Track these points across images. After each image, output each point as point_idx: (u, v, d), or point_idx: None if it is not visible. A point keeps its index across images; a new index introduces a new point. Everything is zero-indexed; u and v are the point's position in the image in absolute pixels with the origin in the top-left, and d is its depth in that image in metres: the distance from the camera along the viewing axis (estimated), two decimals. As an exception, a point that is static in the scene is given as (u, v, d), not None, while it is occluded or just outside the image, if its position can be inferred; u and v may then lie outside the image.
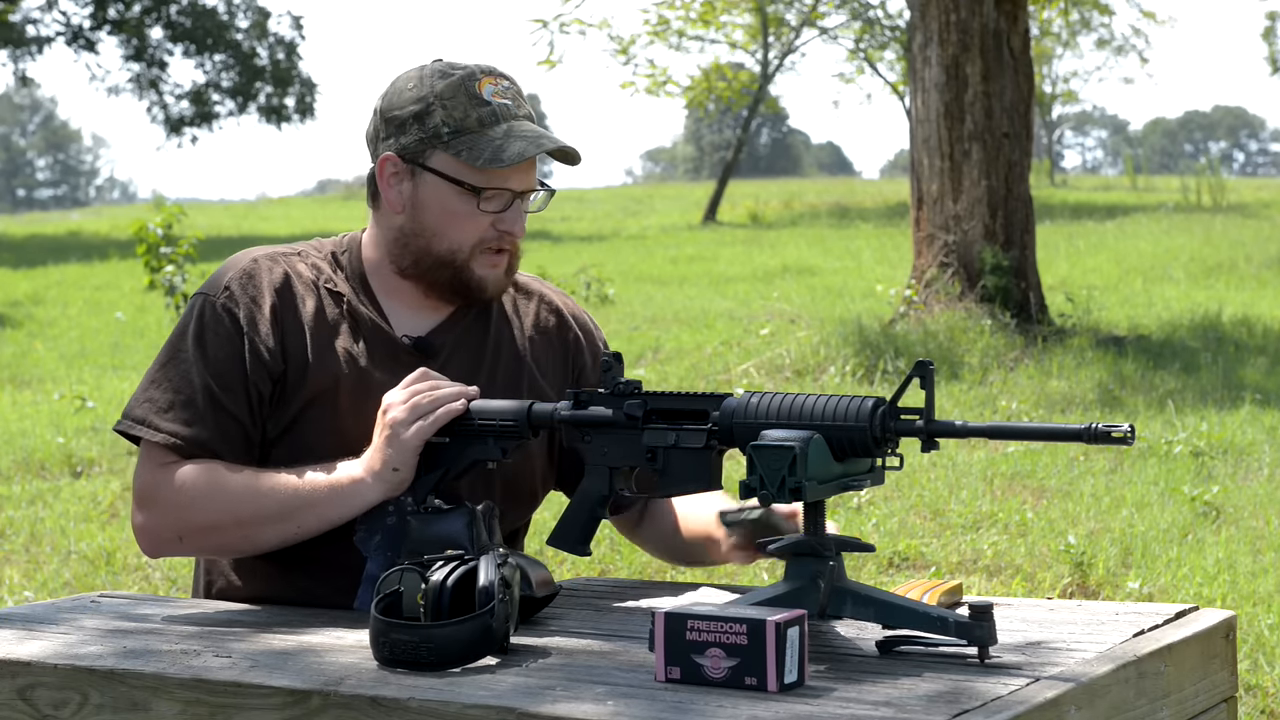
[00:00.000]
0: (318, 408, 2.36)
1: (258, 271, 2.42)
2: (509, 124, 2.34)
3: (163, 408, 2.37)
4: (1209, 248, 15.55)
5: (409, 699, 1.85)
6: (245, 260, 2.45)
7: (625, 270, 15.78)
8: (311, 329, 2.39)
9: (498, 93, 2.36)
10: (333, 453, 2.34)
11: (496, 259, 2.40)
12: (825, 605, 2.00)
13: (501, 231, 2.37)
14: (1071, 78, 39.38)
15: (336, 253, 2.48)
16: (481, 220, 2.36)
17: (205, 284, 2.44)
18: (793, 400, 2.03)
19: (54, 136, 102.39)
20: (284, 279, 2.42)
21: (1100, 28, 33.70)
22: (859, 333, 9.18)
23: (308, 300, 2.41)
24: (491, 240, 2.37)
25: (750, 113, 26.54)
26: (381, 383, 2.35)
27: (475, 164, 2.32)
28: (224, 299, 2.40)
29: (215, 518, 2.32)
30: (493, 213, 2.36)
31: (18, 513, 6.40)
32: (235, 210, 36.06)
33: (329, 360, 2.37)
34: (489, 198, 2.35)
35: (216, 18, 31.91)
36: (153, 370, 2.41)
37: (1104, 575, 5.08)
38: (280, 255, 2.46)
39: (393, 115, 2.38)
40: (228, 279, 2.42)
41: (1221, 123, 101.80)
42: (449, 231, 2.37)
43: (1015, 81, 9.64)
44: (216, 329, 2.38)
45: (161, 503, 2.35)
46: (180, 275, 12.57)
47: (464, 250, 2.37)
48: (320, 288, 2.43)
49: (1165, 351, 9.19)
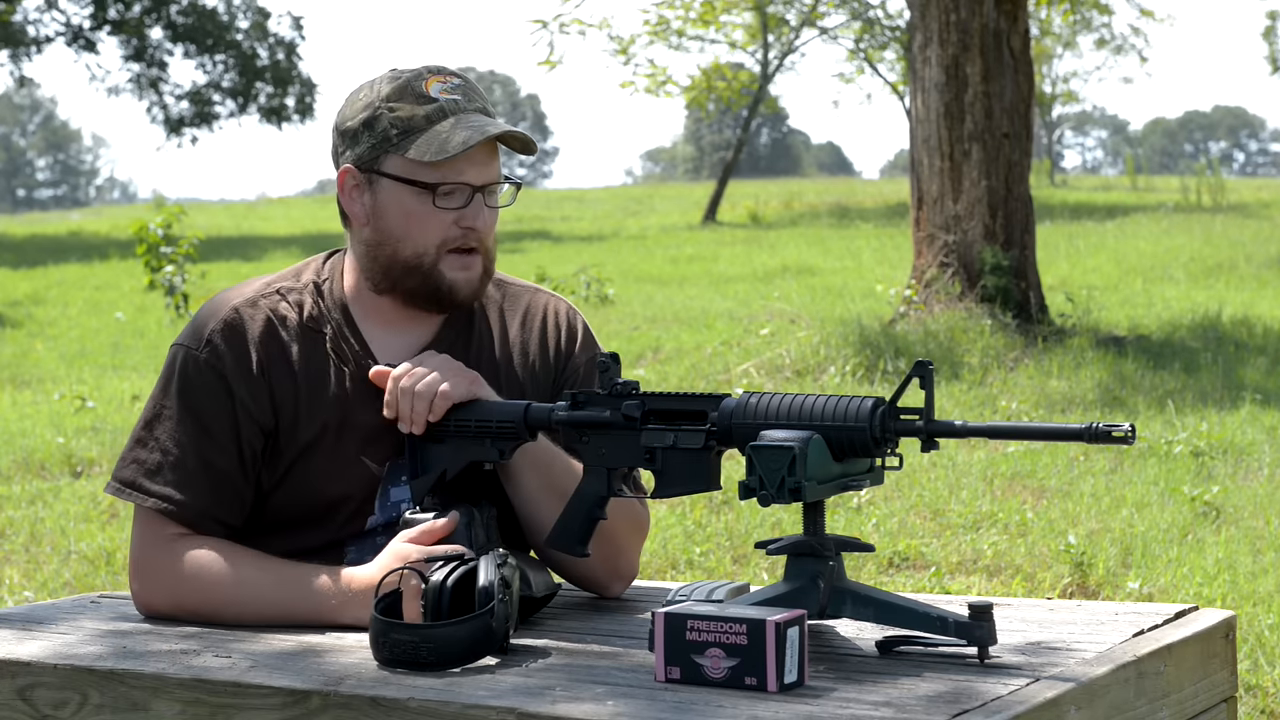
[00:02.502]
0: (311, 455, 2.33)
1: (240, 323, 2.35)
2: (456, 117, 2.30)
3: (151, 470, 2.32)
4: (1209, 248, 15.55)
5: (409, 699, 1.85)
6: (225, 310, 2.36)
7: (625, 270, 15.78)
8: (300, 377, 2.35)
9: (445, 89, 2.32)
10: (329, 496, 2.33)
11: (466, 260, 2.34)
12: (825, 605, 1.99)
13: (465, 229, 2.32)
14: (1071, 78, 39.40)
15: (318, 282, 2.42)
16: (443, 218, 2.31)
17: (184, 335, 2.37)
18: (792, 400, 2.03)
19: (54, 136, 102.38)
20: (266, 327, 2.36)
21: (1100, 27, 33.71)
22: (859, 333, 9.18)
23: (292, 347, 2.36)
24: (456, 239, 2.32)
25: (750, 113, 26.54)
26: (371, 420, 2.33)
27: (424, 159, 2.28)
28: (207, 354, 2.33)
29: (212, 607, 2.27)
30: (453, 209, 2.31)
31: (18, 513, 6.40)
32: (235, 210, 36.07)
33: (319, 408, 2.33)
34: (445, 193, 2.31)
35: (217, 18, 31.92)
36: (138, 429, 2.36)
37: (1104, 575, 5.08)
38: (261, 298, 2.38)
39: (346, 128, 2.34)
40: (209, 332, 2.34)
41: (1221, 123, 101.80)
42: (411, 234, 2.32)
43: (1015, 81, 9.64)
44: (202, 386, 2.33)
45: (157, 579, 2.30)
46: (180, 275, 12.59)
47: (429, 252, 2.32)
48: (304, 330, 2.37)
49: (1165, 351, 9.19)
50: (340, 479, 2.33)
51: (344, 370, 2.36)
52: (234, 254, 19.98)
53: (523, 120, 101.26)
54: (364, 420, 2.33)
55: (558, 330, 2.48)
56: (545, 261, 15.97)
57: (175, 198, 34.40)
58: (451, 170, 2.30)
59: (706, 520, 5.82)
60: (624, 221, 25.75)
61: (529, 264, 15.92)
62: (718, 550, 5.48)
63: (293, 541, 2.33)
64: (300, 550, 2.32)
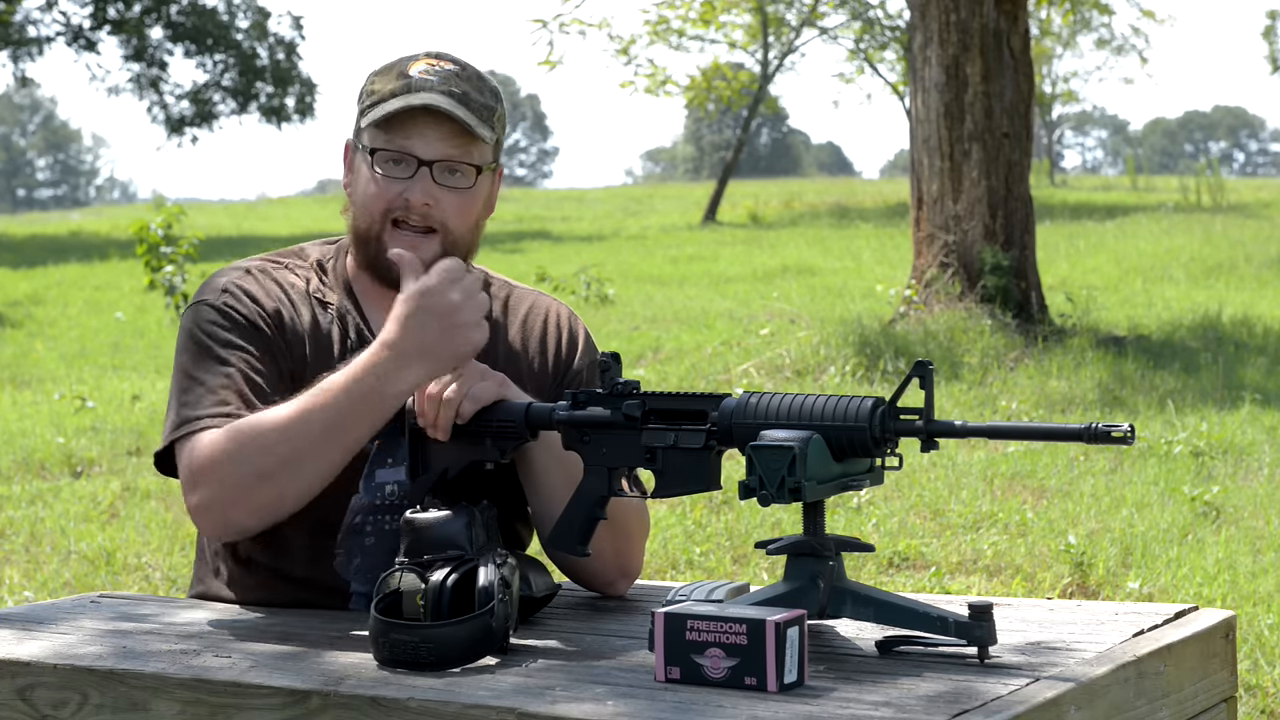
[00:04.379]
0: None
1: (252, 280, 2.38)
2: (418, 93, 2.30)
3: (191, 402, 2.28)
4: (1209, 248, 15.55)
5: (409, 699, 1.85)
6: (236, 271, 2.40)
7: (625, 270, 15.78)
8: (309, 339, 2.37)
9: (427, 71, 2.32)
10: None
11: (417, 240, 2.31)
12: (825, 605, 1.99)
13: (405, 199, 2.30)
14: (1071, 78, 39.40)
15: (323, 261, 2.44)
16: (387, 188, 2.31)
17: (198, 294, 2.38)
18: (792, 400, 2.02)
19: (54, 136, 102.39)
20: (277, 288, 2.39)
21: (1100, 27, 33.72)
22: (859, 333, 9.18)
23: (303, 311, 2.38)
24: (398, 210, 2.31)
25: (750, 113, 26.54)
26: None
27: (365, 124, 2.31)
28: (224, 300, 2.35)
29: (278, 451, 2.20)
30: (399, 179, 2.31)
31: (18, 513, 6.40)
32: (235, 210, 36.07)
33: (323, 369, 2.32)
34: (385, 160, 2.31)
35: (217, 18, 31.92)
36: (172, 393, 2.33)
37: (1104, 575, 5.08)
38: (270, 266, 2.42)
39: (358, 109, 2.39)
40: (223, 283, 2.37)
41: (1221, 123, 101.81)
42: (365, 201, 2.34)
43: (1015, 81, 9.65)
44: (222, 324, 2.33)
45: (217, 467, 2.23)
46: (180, 275, 12.58)
47: (376, 221, 2.32)
48: (311, 297, 2.40)
49: (1165, 351, 9.19)
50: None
51: (348, 343, 2.37)
52: (234, 254, 19.97)
53: (523, 120, 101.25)
54: None
55: (559, 335, 2.47)
56: (545, 261, 15.97)
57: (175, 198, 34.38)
58: (397, 138, 2.31)
59: (706, 520, 5.82)
60: (624, 221, 25.75)
61: (529, 264, 15.92)
62: (718, 550, 5.48)
63: (290, 529, 2.30)
64: (286, 529, 2.30)
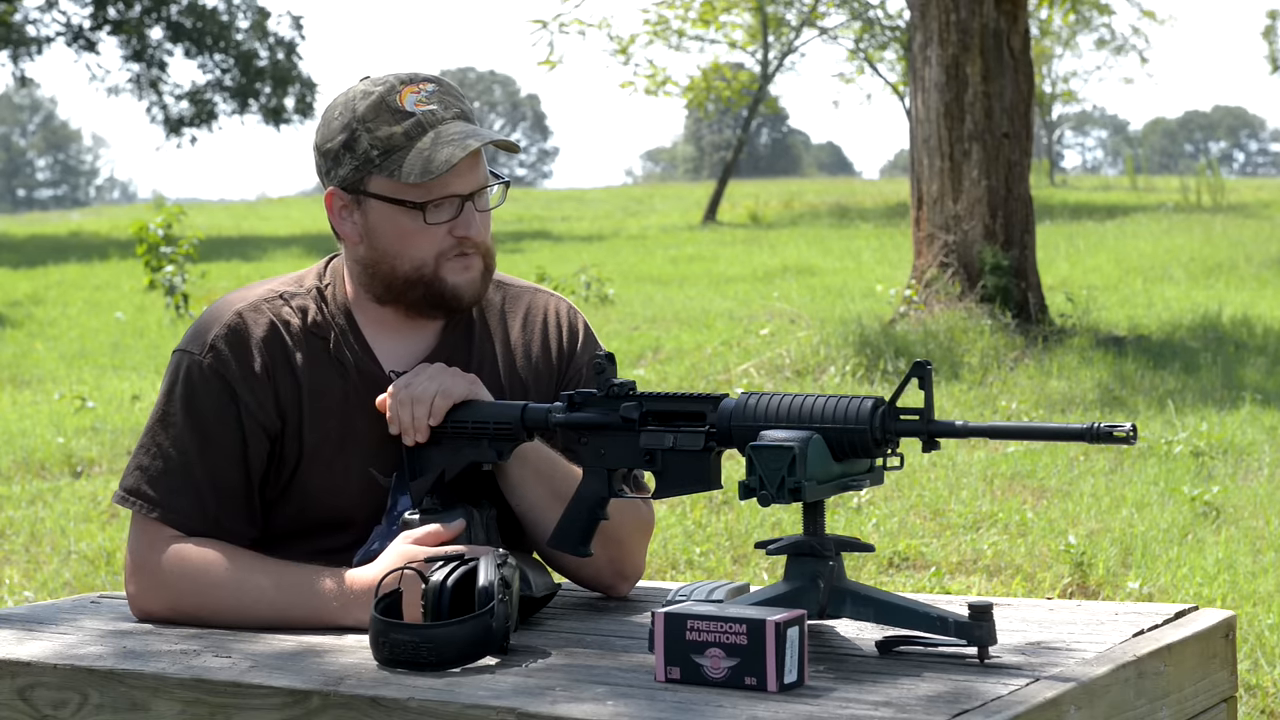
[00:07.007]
0: (315, 463, 2.32)
1: (243, 327, 2.34)
2: (436, 130, 2.28)
3: (154, 477, 2.31)
4: (1209, 248, 15.55)
5: (409, 699, 1.85)
6: (228, 314, 2.35)
7: (625, 270, 15.78)
8: (304, 383, 2.34)
9: (420, 100, 2.30)
10: (334, 504, 2.32)
11: (467, 262, 2.33)
12: (825, 605, 1.99)
13: (459, 238, 2.31)
14: (1071, 78, 39.37)
15: (321, 288, 2.41)
16: (435, 232, 2.31)
17: (187, 340, 2.36)
18: (792, 400, 2.02)
19: (54, 136, 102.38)
20: (270, 331, 2.34)
21: (1100, 27, 33.71)
22: (859, 333, 9.18)
23: (296, 353, 2.35)
24: (451, 249, 2.32)
25: (750, 113, 26.54)
26: (374, 429, 2.32)
27: (409, 180, 2.26)
28: (210, 359, 2.32)
29: (211, 609, 2.25)
30: (445, 221, 2.31)
31: (18, 513, 6.40)
32: (235, 210, 36.06)
33: (322, 414, 2.33)
34: (435, 208, 2.30)
35: (216, 18, 31.91)
36: (143, 437, 2.34)
37: (1104, 575, 5.08)
38: (264, 303, 2.37)
39: (327, 149, 2.32)
40: (212, 337, 2.33)
41: (1221, 123, 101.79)
42: (407, 251, 2.31)
43: (1015, 81, 9.64)
44: (206, 393, 2.31)
45: (154, 580, 2.28)
46: (180, 275, 12.60)
47: (428, 265, 2.32)
48: (307, 335, 2.36)
49: (1165, 351, 9.19)
50: (342, 491, 2.32)
51: (347, 377, 2.35)
52: (234, 254, 19.98)
53: (523, 120, 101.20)
54: (367, 429, 2.33)
55: (559, 330, 2.47)
56: (545, 261, 15.97)
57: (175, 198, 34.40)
58: (438, 185, 2.29)
59: (706, 520, 5.82)
60: (624, 221, 25.75)
61: (529, 264, 15.91)
62: (718, 550, 5.48)
63: (295, 557, 2.31)
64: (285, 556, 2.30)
